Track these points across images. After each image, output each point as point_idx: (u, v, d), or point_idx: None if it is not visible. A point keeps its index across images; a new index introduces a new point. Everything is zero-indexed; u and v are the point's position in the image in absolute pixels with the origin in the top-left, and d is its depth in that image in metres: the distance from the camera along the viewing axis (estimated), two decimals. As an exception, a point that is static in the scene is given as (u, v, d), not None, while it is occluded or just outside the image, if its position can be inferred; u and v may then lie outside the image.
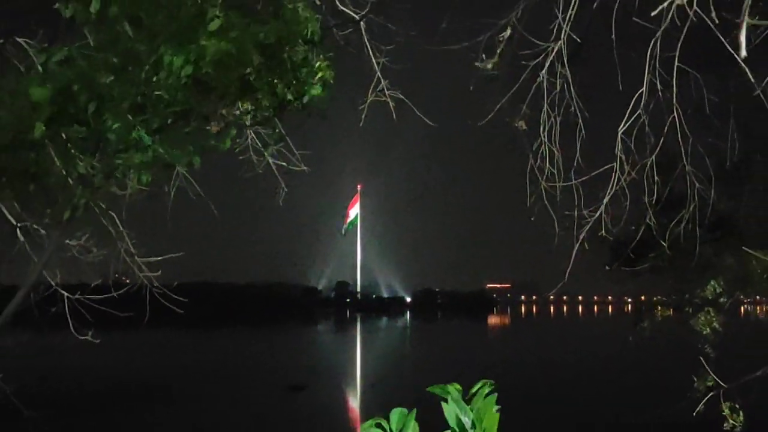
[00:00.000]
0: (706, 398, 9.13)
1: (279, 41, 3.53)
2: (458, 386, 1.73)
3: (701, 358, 9.37)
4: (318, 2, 5.04)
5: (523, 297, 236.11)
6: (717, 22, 5.90)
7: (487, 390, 1.65)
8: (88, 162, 3.61)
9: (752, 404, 9.11)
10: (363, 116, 6.67)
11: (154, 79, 3.44)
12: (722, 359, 9.64)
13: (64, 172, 3.66)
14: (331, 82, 4.03)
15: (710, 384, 9.19)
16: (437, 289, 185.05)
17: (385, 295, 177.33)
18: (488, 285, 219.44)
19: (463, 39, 6.32)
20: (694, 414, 9.15)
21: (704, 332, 10.14)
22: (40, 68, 3.59)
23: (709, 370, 9.19)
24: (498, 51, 6.18)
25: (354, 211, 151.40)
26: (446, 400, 1.68)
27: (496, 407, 1.65)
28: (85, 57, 3.49)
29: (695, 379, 9.39)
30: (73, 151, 3.55)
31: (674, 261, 9.21)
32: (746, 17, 2.83)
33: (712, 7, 5.66)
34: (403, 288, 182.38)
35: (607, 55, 6.77)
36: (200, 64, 3.37)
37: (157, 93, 3.46)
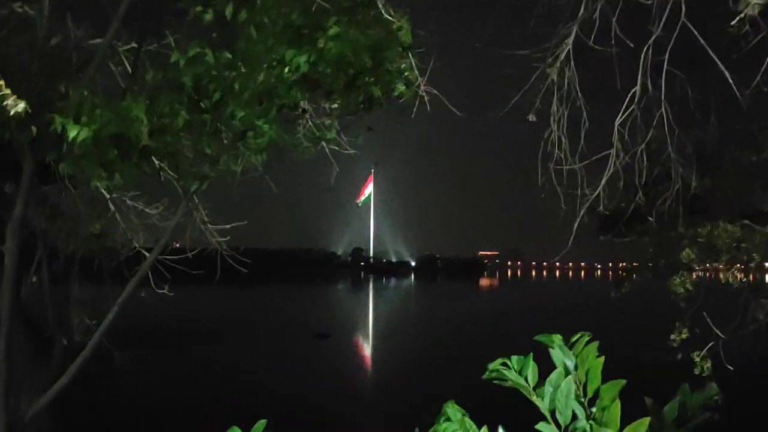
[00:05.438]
0: (680, 347, 9.21)
1: (380, 45, 3.56)
2: (560, 336, 1.73)
3: (679, 311, 9.44)
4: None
5: (509, 263, 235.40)
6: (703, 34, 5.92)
7: (586, 339, 1.63)
8: (215, 145, 3.66)
9: (716, 354, 9.12)
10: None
11: (265, 75, 3.47)
12: (694, 315, 9.65)
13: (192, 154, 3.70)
14: (414, 81, 4.00)
15: (684, 336, 9.23)
16: (438, 256, 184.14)
17: (394, 259, 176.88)
18: (480, 252, 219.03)
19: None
20: (674, 360, 9.24)
21: (678, 292, 10.08)
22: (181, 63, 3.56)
23: (683, 323, 9.24)
24: (562, 56, 6.27)
25: (368, 190, 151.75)
26: (551, 347, 1.68)
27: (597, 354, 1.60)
28: (211, 55, 3.50)
29: (677, 326, 9.38)
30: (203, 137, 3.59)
31: (657, 233, 9.20)
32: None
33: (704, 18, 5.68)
34: (409, 254, 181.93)
35: (607, 58, 6.75)
36: (318, 63, 3.42)
37: (273, 87, 3.49)
